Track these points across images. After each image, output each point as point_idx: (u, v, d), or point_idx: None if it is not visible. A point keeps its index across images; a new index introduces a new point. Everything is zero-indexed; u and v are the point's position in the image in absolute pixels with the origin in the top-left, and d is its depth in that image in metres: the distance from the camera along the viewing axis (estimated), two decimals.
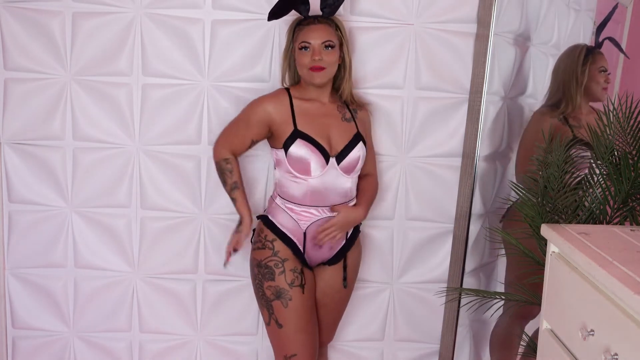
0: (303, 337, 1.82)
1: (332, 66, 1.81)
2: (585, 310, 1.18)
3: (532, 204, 1.82)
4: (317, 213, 1.84)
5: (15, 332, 2.21)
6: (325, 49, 1.78)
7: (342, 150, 1.83)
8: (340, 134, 1.84)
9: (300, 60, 1.80)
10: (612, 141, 1.74)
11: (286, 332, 1.82)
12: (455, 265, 2.19)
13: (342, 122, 1.87)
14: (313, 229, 1.85)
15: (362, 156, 1.87)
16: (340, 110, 1.89)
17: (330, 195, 1.83)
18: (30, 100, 2.02)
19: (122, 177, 2.09)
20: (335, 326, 2.05)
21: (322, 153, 1.80)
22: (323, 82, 1.82)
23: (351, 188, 1.88)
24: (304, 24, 1.81)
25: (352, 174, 1.87)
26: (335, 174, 1.82)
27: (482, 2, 2.00)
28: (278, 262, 1.83)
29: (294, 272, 1.83)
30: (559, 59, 2.26)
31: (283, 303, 1.81)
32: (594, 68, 2.18)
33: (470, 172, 2.11)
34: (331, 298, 1.94)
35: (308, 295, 1.85)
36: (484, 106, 2.05)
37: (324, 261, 1.92)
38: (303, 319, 1.83)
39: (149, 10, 1.97)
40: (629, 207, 1.74)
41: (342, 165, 1.83)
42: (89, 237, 2.14)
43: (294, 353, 1.82)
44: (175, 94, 2.04)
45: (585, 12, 2.38)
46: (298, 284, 1.83)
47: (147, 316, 2.21)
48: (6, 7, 1.96)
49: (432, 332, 2.27)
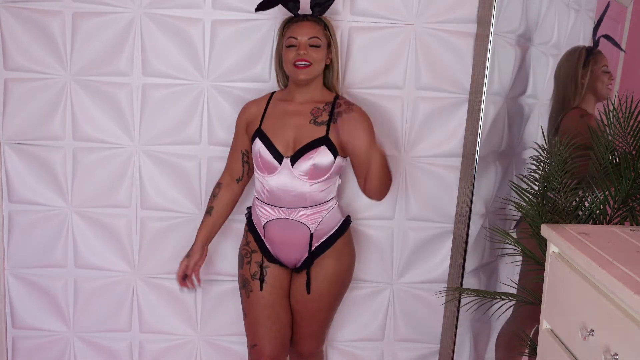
0: (262, 330, 1.86)
1: (317, 63, 1.78)
2: (585, 310, 1.18)
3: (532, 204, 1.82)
4: (273, 212, 1.83)
5: (15, 332, 2.21)
6: (311, 46, 1.77)
7: (297, 152, 1.77)
8: (302, 136, 1.78)
9: (286, 56, 1.78)
10: (612, 141, 1.74)
11: (249, 321, 1.89)
12: (455, 265, 2.18)
13: (309, 125, 1.79)
14: (271, 226, 1.84)
15: (325, 163, 1.77)
16: (315, 113, 1.81)
17: (284, 196, 1.80)
18: (30, 100, 2.02)
19: (122, 177, 2.09)
20: (313, 337, 1.96)
21: (275, 154, 1.78)
22: (307, 79, 1.78)
23: (310, 193, 1.79)
24: (293, 21, 1.81)
25: (317, 180, 1.79)
26: (289, 175, 1.78)
27: (482, 2, 1.99)
28: (248, 252, 1.89)
29: (258, 265, 1.87)
30: (559, 62, 2.26)
31: (246, 293, 1.89)
32: (597, 68, 2.18)
33: (470, 172, 2.10)
34: (303, 305, 1.90)
35: (270, 291, 1.86)
36: (484, 106, 2.05)
37: (296, 266, 1.89)
38: (263, 312, 1.85)
39: (149, 10, 1.97)
40: (629, 207, 1.74)
41: (297, 167, 1.77)
42: (89, 237, 2.14)
43: (254, 343, 1.88)
44: (175, 94, 2.04)
45: (585, 12, 2.38)
46: (257, 278, 1.86)
47: (147, 316, 2.21)
48: (6, 7, 1.96)
49: (432, 332, 2.27)
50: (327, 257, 1.87)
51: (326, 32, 1.82)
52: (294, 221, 1.82)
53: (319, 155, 1.77)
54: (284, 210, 1.81)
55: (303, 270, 1.87)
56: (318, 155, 1.77)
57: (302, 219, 1.82)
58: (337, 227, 1.88)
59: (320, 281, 1.87)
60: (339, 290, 1.94)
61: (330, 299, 1.91)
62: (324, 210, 1.84)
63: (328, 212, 1.85)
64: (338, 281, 1.91)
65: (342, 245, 1.90)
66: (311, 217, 1.83)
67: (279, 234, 1.84)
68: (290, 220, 1.82)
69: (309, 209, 1.82)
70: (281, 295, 1.89)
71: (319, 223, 1.84)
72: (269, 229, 1.85)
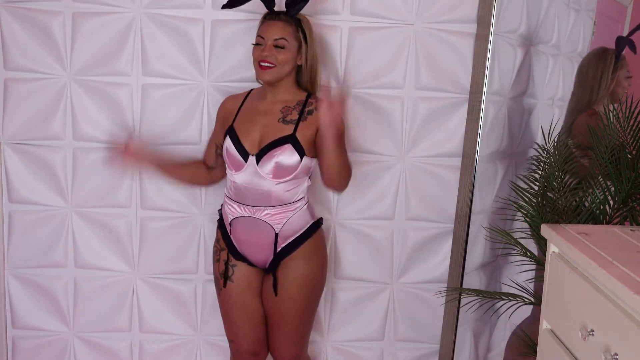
0: (235, 327, 1.89)
1: (282, 66, 1.75)
2: (585, 310, 1.18)
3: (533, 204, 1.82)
4: (239, 210, 1.82)
5: (15, 332, 2.21)
6: (276, 47, 1.75)
7: (261, 150, 1.76)
8: (268, 134, 1.77)
9: (254, 54, 1.78)
10: (612, 141, 1.74)
11: (222, 317, 1.94)
12: (455, 265, 2.18)
13: (277, 123, 1.78)
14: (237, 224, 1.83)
15: (289, 162, 1.75)
16: (284, 112, 1.80)
17: (249, 194, 1.79)
18: (30, 100, 2.02)
19: (122, 177, 2.09)
20: (288, 342, 1.89)
21: (242, 151, 1.78)
22: (271, 80, 1.77)
23: (276, 192, 1.77)
24: (267, 18, 1.79)
25: (282, 179, 1.77)
26: (254, 173, 1.77)
27: (482, 2, 1.99)
28: (218, 249, 1.91)
29: (225, 264, 1.87)
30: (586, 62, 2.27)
31: (217, 290, 1.93)
32: (621, 74, 2.21)
33: (470, 172, 2.10)
34: (272, 307, 1.86)
35: (237, 289, 1.87)
36: (484, 106, 2.05)
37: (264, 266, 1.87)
38: (234, 310, 1.88)
39: (149, 10, 1.97)
40: (629, 207, 1.74)
41: (262, 165, 1.76)
42: (89, 237, 2.14)
43: (231, 339, 1.92)
44: (175, 94, 2.04)
45: (585, 12, 2.38)
46: (225, 277, 1.87)
47: (147, 316, 2.21)
48: (6, 7, 1.96)
49: (432, 332, 2.27)
50: (295, 259, 1.83)
51: (298, 33, 1.78)
52: (258, 220, 1.80)
53: (283, 154, 1.75)
54: (249, 208, 1.80)
55: (270, 272, 1.86)
56: (282, 154, 1.75)
57: (267, 218, 1.80)
58: (305, 229, 1.84)
59: (288, 284, 1.83)
60: (309, 294, 1.87)
61: (300, 302, 1.85)
62: (290, 211, 1.82)
63: (295, 213, 1.82)
64: (307, 284, 1.85)
65: (312, 247, 1.85)
66: (276, 217, 1.80)
67: (244, 232, 1.84)
68: (255, 218, 1.80)
69: (274, 208, 1.79)
70: (250, 294, 1.88)
71: (284, 224, 1.81)
72: (235, 227, 1.85)
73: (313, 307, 1.91)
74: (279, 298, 1.84)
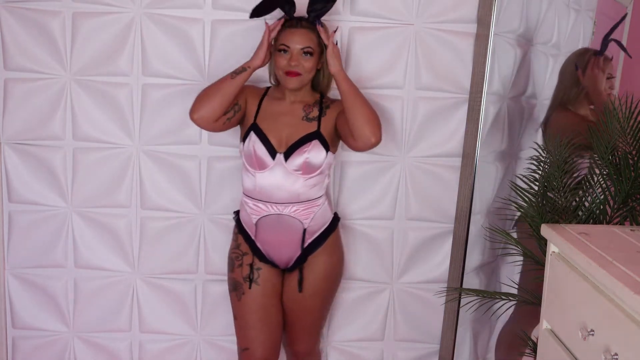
0: (253, 333, 1.86)
1: (308, 73, 1.80)
2: (585, 310, 1.18)
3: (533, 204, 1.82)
4: (266, 208, 1.83)
5: (15, 332, 2.21)
6: (304, 55, 1.78)
7: (290, 147, 1.80)
8: (294, 132, 1.82)
9: (278, 62, 1.79)
10: (612, 141, 1.74)
11: (240, 324, 1.89)
12: (455, 265, 2.19)
13: (302, 122, 1.84)
14: (263, 223, 1.84)
15: (318, 158, 1.80)
16: (306, 110, 1.86)
17: (276, 191, 1.81)
18: (30, 100, 2.02)
19: (122, 177, 2.09)
20: (308, 336, 1.98)
21: (270, 149, 1.80)
22: (297, 87, 1.81)
23: (303, 188, 1.81)
24: (287, 25, 1.80)
25: (310, 175, 1.81)
26: (282, 171, 1.80)
27: (482, 2, 1.99)
28: (239, 254, 1.89)
29: (250, 267, 1.87)
30: (566, 61, 2.27)
31: (237, 296, 1.88)
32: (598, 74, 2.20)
33: (470, 172, 2.10)
34: (296, 304, 1.91)
35: (262, 292, 1.87)
36: (484, 106, 2.05)
37: (287, 266, 1.90)
38: (256, 314, 1.86)
39: (149, 10, 1.97)
40: (629, 207, 1.74)
41: (291, 162, 1.79)
42: (89, 237, 2.14)
43: (246, 347, 1.88)
44: (175, 94, 2.04)
45: (585, 12, 2.38)
46: (250, 279, 1.87)
47: (147, 316, 2.21)
48: (6, 7, 1.96)
49: (432, 332, 2.27)
50: (320, 255, 1.89)
51: (319, 39, 1.81)
52: (286, 216, 1.83)
53: (313, 149, 1.80)
54: (276, 205, 1.83)
55: (295, 269, 1.89)
56: (312, 150, 1.80)
57: (295, 214, 1.83)
58: (328, 224, 1.91)
59: (313, 278, 1.89)
60: (332, 287, 1.96)
61: (324, 295, 1.94)
62: (316, 206, 1.86)
63: (319, 209, 1.87)
64: (330, 278, 1.93)
65: (333, 242, 1.93)
66: (303, 213, 1.84)
67: (271, 231, 1.85)
68: (283, 215, 1.83)
69: (302, 204, 1.84)
70: (273, 296, 1.90)
71: (311, 219, 1.86)
72: (261, 226, 1.85)
73: (332, 300, 2.00)
74: (303, 294, 1.89)
